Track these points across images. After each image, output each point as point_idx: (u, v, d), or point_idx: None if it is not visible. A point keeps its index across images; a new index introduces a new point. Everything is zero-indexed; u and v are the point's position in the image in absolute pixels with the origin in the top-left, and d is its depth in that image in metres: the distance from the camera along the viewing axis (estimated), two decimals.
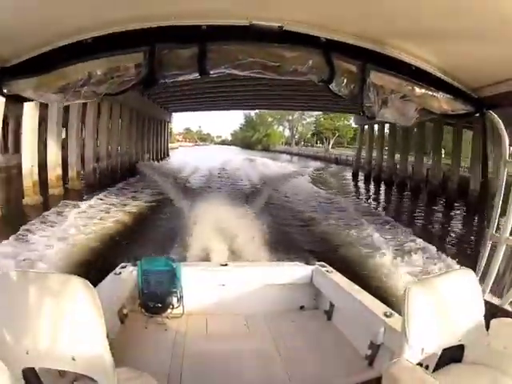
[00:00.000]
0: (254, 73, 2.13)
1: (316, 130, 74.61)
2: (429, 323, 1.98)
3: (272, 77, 2.18)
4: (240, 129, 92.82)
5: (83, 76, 2.17)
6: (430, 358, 2.04)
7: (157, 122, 41.22)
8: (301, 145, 76.42)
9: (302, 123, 78.02)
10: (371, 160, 33.48)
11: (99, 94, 2.21)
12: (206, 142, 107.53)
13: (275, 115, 75.89)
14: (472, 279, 2.22)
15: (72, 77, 2.19)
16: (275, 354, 3.13)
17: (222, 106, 43.30)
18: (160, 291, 3.59)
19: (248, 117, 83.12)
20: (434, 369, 2.09)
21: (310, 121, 76.10)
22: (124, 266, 3.92)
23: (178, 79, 2.17)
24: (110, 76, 2.18)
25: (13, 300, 1.78)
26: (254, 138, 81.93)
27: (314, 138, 75.60)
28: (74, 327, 1.76)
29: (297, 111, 65.67)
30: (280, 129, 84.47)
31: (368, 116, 2.44)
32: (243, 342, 3.33)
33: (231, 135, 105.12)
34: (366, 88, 2.28)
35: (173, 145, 60.39)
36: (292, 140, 78.45)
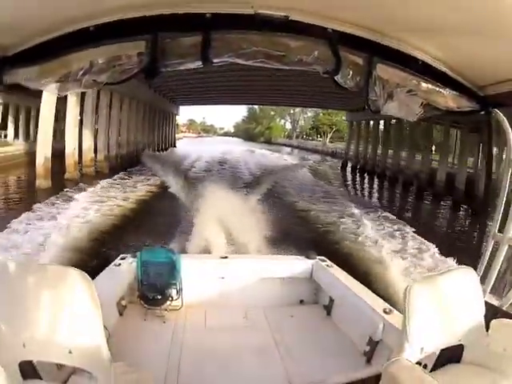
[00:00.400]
0: (257, 62, 1.98)
1: (314, 124, 74.76)
2: (429, 322, 1.89)
3: (276, 67, 2.03)
4: (243, 121, 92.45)
5: (85, 65, 2.04)
6: (428, 357, 1.96)
7: (166, 114, 43.55)
8: (301, 138, 75.99)
9: (304, 117, 77.69)
10: (358, 153, 36.74)
11: (100, 82, 2.07)
12: (209, 134, 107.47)
13: (277, 109, 75.14)
14: (473, 279, 2.12)
15: (73, 65, 2.05)
16: (273, 348, 3.04)
17: (226, 101, 44.27)
18: (159, 283, 3.47)
19: (251, 109, 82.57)
20: (432, 368, 2.00)
21: (310, 115, 75.75)
22: (124, 258, 3.80)
23: (180, 68, 2.04)
24: (111, 64, 2.04)
25: (10, 292, 1.69)
26: (256, 130, 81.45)
27: (313, 131, 75.41)
28: (71, 320, 1.67)
29: (297, 107, 65.90)
30: (282, 122, 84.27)
31: (372, 110, 2.32)
32: (242, 335, 3.24)
33: (234, 127, 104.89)
34: (371, 81, 2.15)
35: (178, 135, 60.61)
36: (293, 133, 78.05)
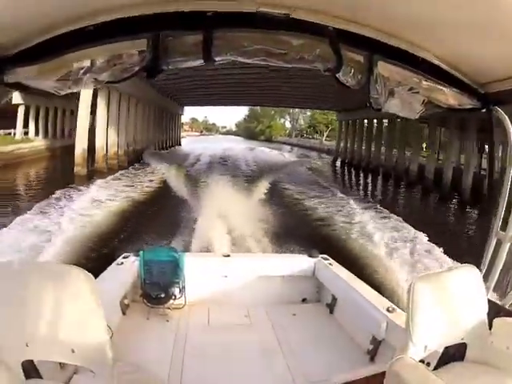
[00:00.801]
0: (259, 60, 1.90)
1: (311, 122, 75.10)
2: (433, 320, 1.81)
3: (278, 65, 1.95)
4: (244, 120, 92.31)
5: (85, 63, 1.96)
6: (431, 355, 1.89)
7: (172, 115, 46.70)
8: (300, 136, 75.92)
9: (303, 116, 77.74)
10: (347, 149, 40.49)
11: (101, 81, 1.99)
12: (211, 132, 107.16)
13: (277, 108, 74.81)
14: (476, 276, 2.05)
15: (74, 64, 1.96)
16: (276, 346, 2.97)
17: (228, 102, 46.45)
18: (162, 281, 3.40)
19: (252, 109, 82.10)
20: (436, 367, 1.93)
21: (309, 114, 75.64)
22: (126, 256, 3.71)
23: (182, 66, 1.97)
24: (112, 63, 1.96)
25: (12, 291, 1.61)
26: (257, 128, 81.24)
27: (311, 130, 75.49)
28: (73, 319, 1.60)
29: (293, 108, 66.94)
30: (282, 121, 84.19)
31: (374, 107, 2.25)
32: (245, 334, 3.17)
33: (236, 126, 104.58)
34: (372, 79, 2.07)
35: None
36: (293, 132, 77.90)
